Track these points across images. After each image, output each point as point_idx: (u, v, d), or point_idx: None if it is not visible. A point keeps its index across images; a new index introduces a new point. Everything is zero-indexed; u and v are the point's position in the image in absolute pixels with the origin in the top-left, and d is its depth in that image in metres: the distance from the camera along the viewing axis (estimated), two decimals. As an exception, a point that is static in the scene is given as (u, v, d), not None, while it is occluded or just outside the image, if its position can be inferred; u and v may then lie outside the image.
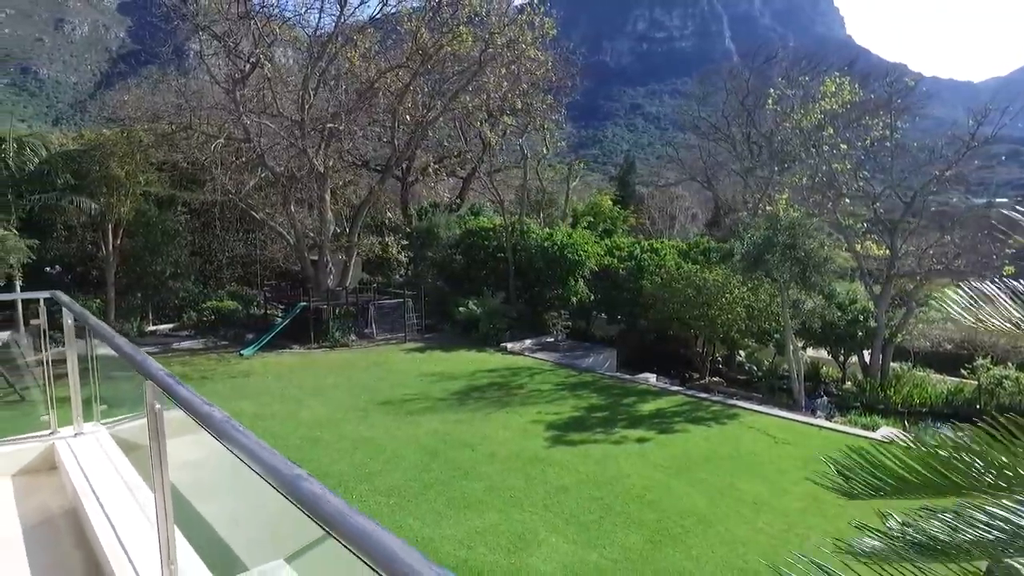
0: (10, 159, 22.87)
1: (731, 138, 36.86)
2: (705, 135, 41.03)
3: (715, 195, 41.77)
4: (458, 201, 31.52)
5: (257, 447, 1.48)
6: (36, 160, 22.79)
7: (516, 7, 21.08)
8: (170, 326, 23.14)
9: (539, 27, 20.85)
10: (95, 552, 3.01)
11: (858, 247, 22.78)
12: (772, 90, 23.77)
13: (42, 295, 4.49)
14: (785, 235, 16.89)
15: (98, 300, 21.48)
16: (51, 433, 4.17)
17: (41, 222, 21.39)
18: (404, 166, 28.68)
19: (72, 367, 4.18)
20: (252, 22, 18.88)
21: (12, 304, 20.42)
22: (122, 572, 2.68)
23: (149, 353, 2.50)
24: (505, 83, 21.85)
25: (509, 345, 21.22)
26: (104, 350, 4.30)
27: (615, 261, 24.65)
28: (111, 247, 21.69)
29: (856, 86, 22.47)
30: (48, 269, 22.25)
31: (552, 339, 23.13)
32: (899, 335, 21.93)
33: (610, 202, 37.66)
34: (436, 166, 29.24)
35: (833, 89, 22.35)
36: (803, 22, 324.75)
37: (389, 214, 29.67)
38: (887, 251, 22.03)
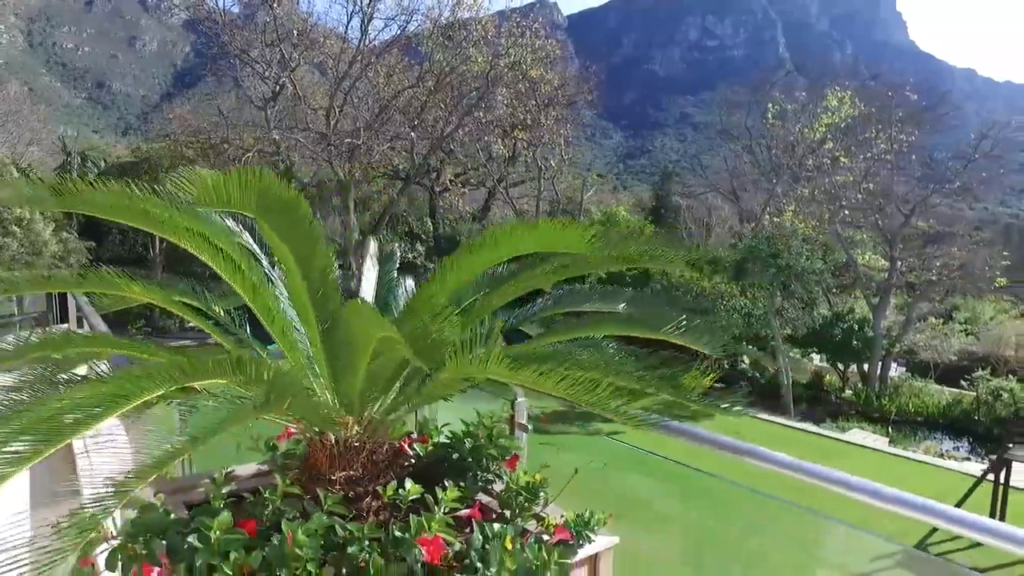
0: (75, 171, 25.77)
1: (751, 149, 37.11)
2: (735, 143, 41.13)
3: (739, 206, 41.88)
4: (482, 211, 33.02)
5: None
6: (96, 171, 25.55)
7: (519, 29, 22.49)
8: (208, 323, 25.34)
9: (541, 49, 22.22)
10: (75, 459, 4.55)
11: (860, 259, 23.18)
12: (771, 104, 24.40)
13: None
14: (766, 245, 17.73)
15: (146, 298, 23.84)
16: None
17: (98, 226, 23.93)
18: (432, 177, 30.35)
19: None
20: (280, 48, 20.90)
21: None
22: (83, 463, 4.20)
23: (186, 346, 4.04)
24: (506, 101, 23.27)
25: (515, 347, 22.45)
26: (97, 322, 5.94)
27: (623, 268, 25.60)
28: (158, 249, 24.06)
29: (857, 100, 22.91)
30: (103, 269, 24.79)
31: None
32: (897, 345, 22.26)
33: (624, 212, 38.55)
34: (455, 179, 30.79)
35: (835, 103, 22.90)
36: (862, 27, 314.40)
37: (426, 221, 31.34)
38: (886, 262, 22.42)
